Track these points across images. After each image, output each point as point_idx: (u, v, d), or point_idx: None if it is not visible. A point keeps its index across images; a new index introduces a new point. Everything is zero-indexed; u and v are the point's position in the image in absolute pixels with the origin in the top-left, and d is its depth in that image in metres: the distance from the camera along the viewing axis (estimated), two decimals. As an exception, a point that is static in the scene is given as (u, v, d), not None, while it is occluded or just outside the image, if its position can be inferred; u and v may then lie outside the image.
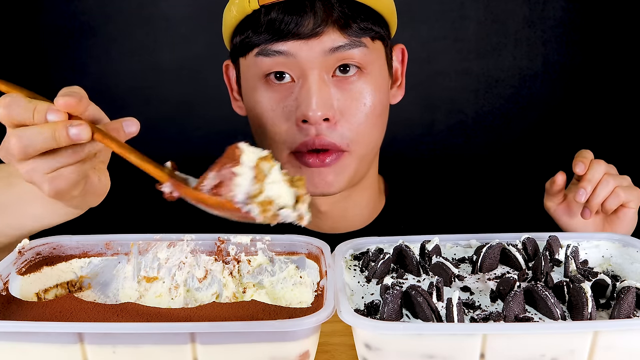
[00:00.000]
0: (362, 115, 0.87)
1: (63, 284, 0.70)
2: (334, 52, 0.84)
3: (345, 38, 0.84)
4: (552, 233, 0.71)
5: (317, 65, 0.84)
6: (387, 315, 0.56)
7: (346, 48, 0.84)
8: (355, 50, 0.85)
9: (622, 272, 0.69)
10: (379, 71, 0.89)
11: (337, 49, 0.84)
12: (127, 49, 1.50)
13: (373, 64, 0.87)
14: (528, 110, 1.55)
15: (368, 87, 0.87)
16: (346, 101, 0.86)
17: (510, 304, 0.57)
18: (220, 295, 0.70)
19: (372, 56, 0.87)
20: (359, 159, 0.89)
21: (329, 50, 0.84)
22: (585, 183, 0.83)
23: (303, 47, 0.83)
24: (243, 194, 0.57)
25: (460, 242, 0.73)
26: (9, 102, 0.58)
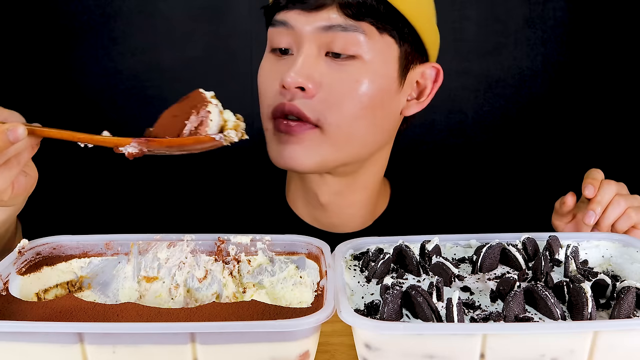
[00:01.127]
0: (344, 99, 0.85)
1: (63, 284, 0.70)
2: (328, 31, 0.83)
3: (343, 17, 0.83)
4: (552, 233, 0.71)
5: (311, 39, 0.84)
6: (387, 315, 0.56)
7: (339, 29, 0.83)
8: (351, 36, 0.83)
9: (622, 272, 0.69)
10: (382, 66, 0.86)
11: (331, 27, 0.83)
12: (127, 49, 1.50)
13: (374, 56, 0.85)
14: (528, 110, 1.55)
15: (359, 73, 0.85)
16: (332, 79, 0.84)
17: (510, 304, 0.57)
18: (220, 295, 0.70)
19: (373, 48, 0.85)
20: (336, 145, 0.87)
21: (323, 27, 0.83)
22: (594, 205, 0.82)
23: (302, 19, 0.84)
24: (216, 126, 0.69)
25: (460, 242, 0.73)
26: None
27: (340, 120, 0.85)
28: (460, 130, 1.56)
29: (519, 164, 1.58)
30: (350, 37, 0.83)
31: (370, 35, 0.84)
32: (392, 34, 0.86)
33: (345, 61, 0.85)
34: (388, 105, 0.89)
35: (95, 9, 1.47)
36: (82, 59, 1.50)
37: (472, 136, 1.57)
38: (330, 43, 0.84)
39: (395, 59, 0.88)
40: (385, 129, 0.92)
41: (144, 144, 0.68)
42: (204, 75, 1.49)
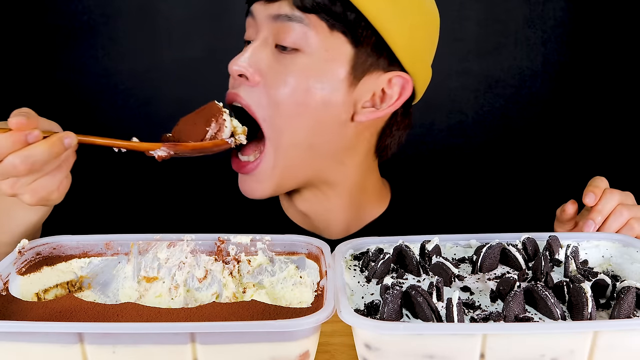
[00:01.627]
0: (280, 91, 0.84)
1: (63, 284, 0.70)
2: (277, 20, 0.83)
3: (291, 8, 0.82)
4: (552, 233, 0.71)
5: (264, 28, 0.85)
6: (387, 315, 0.56)
7: (284, 19, 0.83)
8: (295, 26, 0.82)
9: (622, 272, 0.69)
10: (326, 64, 0.84)
11: (279, 17, 0.83)
12: (127, 49, 1.50)
13: (318, 52, 0.83)
14: (528, 110, 1.55)
15: (299, 68, 0.83)
16: (272, 70, 0.84)
17: (510, 304, 0.57)
18: (220, 295, 0.70)
19: (319, 43, 0.83)
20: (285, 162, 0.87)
21: (273, 16, 0.83)
22: (595, 214, 0.80)
23: (261, 8, 0.85)
24: (228, 132, 0.84)
25: (460, 242, 0.73)
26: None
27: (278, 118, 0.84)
28: (460, 130, 1.56)
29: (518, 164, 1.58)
30: (294, 29, 0.83)
31: (318, 30, 0.83)
32: (344, 33, 0.84)
33: (288, 54, 0.84)
34: (333, 107, 0.86)
35: (95, 9, 1.47)
36: (82, 59, 1.50)
37: (472, 136, 1.57)
38: (279, 33, 0.84)
39: (346, 60, 0.84)
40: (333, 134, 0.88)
41: (172, 147, 0.79)
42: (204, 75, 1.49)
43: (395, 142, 0.96)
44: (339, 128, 0.88)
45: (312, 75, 0.84)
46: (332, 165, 0.91)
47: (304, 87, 0.84)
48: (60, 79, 1.50)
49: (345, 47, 0.84)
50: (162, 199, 1.05)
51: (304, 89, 0.84)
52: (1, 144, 0.66)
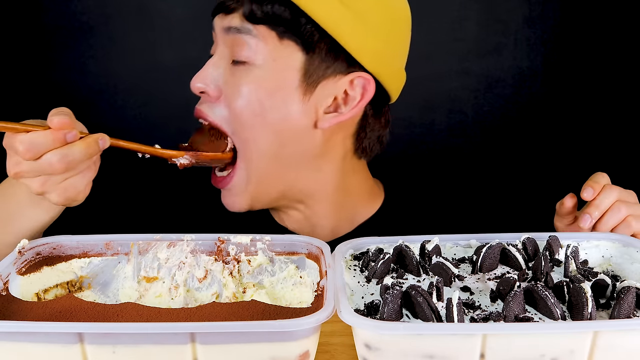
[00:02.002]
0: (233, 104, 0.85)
1: (63, 284, 0.70)
2: (228, 33, 0.84)
3: (241, 20, 0.83)
4: (552, 233, 0.71)
5: (221, 42, 0.86)
6: (387, 315, 0.56)
7: (234, 32, 0.83)
8: (245, 38, 0.83)
9: (622, 272, 0.69)
10: (275, 73, 0.84)
11: (230, 29, 0.84)
12: (127, 49, 1.50)
13: (267, 62, 0.83)
14: (528, 110, 1.55)
15: (249, 79, 0.84)
16: (227, 83, 0.85)
17: (510, 304, 0.56)
18: (220, 295, 0.70)
19: (268, 53, 0.83)
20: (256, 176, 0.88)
21: (225, 28, 0.85)
22: (592, 209, 0.79)
23: (218, 21, 0.86)
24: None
25: (460, 242, 0.73)
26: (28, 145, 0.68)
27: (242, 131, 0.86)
28: (460, 130, 1.56)
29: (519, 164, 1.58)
30: (244, 41, 0.83)
31: (268, 41, 0.83)
32: (295, 40, 0.83)
33: (241, 66, 0.84)
34: (290, 117, 0.85)
35: (95, 9, 1.47)
36: (82, 59, 1.50)
37: (472, 136, 1.57)
38: (232, 47, 0.85)
39: (297, 68, 0.84)
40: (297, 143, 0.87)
41: (194, 156, 0.85)
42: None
43: (374, 142, 0.95)
44: (303, 136, 0.87)
45: (263, 87, 0.84)
46: (306, 174, 0.91)
47: (256, 98, 0.84)
48: (59, 79, 1.50)
49: (296, 55, 0.84)
50: (162, 199, 1.05)
51: (257, 100, 0.84)
52: (41, 141, 0.68)
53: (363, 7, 0.84)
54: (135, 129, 1.50)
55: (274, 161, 0.88)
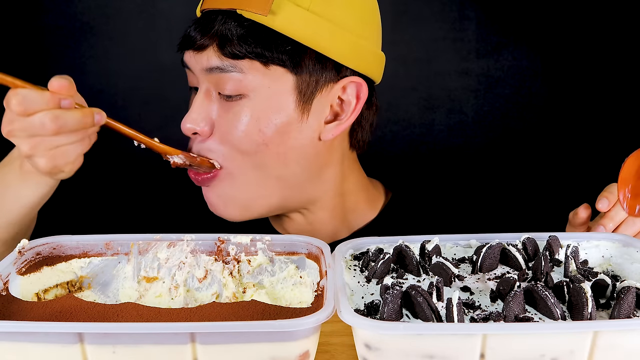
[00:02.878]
0: (237, 141, 0.84)
1: (63, 284, 0.70)
2: (211, 72, 0.83)
3: (219, 58, 0.81)
4: (552, 233, 0.71)
5: (203, 80, 0.84)
6: (387, 315, 0.56)
7: (217, 71, 0.82)
8: (228, 76, 0.82)
9: (622, 272, 0.69)
10: (271, 100, 0.83)
11: (212, 70, 0.82)
12: (127, 49, 1.50)
13: (260, 92, 0.83)
14: (528, 110, 1.55)
15: (244, 112, 0.83)
16: (222, 120, 0.84)
17: (510, 304, 0.56)
18: (220, 295, 0.70)
19: (258, 83, 0.82)
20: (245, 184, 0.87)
21: (206, 69, 0.83)
22: (606, 220, 0.79)
23: (192, 60, 0.84)
24: None
25: (460, 242, 0.73)
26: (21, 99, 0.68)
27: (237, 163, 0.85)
28: (460, 130, 1.56)
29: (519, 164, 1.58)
30: (230, 78, 0.82)
31: (254, 71, 0.82)
32: (281, 64, 0.82)
33: (233, 101, 0.83)
34: (293, 137, 0.85)
35: (95, 9, 1.47)
36: (82, 59, 1.50)
37: (472, 136, 1.57)
38: (217, 83, 0.83)
39: (291, 89, 0.83)
40: (302, 161, 0.87)
41: (189, 158, 0.85)
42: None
43: (367, 132, 0.95)
44: (308, 153, 0.87)
45: (262, 116, 0.83)
46: (309, 185, 0.91)
47: (257, 129, 0.83)
48: (60, 79, 1.50)
49: (286, 77, 0.83)
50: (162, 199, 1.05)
51: (258, 131, 0.83)
52: (34, 98, 0.68)
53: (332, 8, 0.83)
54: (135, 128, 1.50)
55: (275, 181, 0.87)
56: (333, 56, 0.83)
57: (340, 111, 0.88)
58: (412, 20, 1.43)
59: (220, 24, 0.81)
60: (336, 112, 0.88)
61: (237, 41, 0.80)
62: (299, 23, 0.80)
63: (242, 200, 0.88)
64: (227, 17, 0.81)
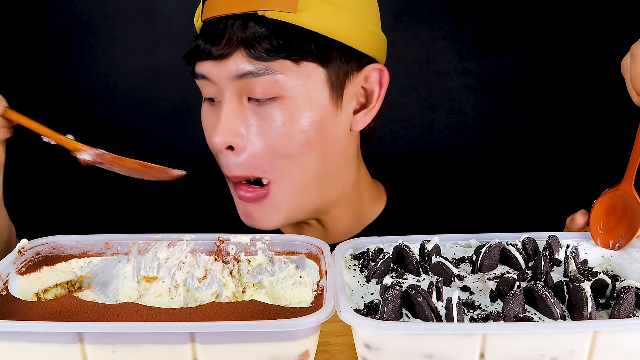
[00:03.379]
0: (277, 145, 0.81)
1: (63, 284, 0.70)
2: (242, 79, 0.79)
3: (250, 63, 0.78)
4: (552, 233, 0.71)
5: (229, 89, 0.80)
6: (387, 315, 0.56)
7: (250, 77, 0.79)
8: (265, 80, 0.79)
9: (622, 272, 0.69)
10: (308, 95, 0.81)
11: (243, 76, 0.79)
12: (127, 49, 1.50)
13: (296, 91, 0.80)
14: (528, 110, 1.55)
15: (284, 113, 0.80)
16: (259, 128, 0.81)
17: (510, 304, 0.57)
18: (220, 295, 0.70)
19: (293, 82, 0.80)
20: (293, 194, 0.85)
21: (236, 76, 0.79)
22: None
23: (215, 70, 0.80)
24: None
25: (460, 242, 0.73)
26: None
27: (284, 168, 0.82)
28: (460, 130, 1.56)
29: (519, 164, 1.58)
30: (265, 82, 0.79)
31: (287, 71, 0.79)
32: (312, 59, 0.80)
33: (267, 104, 0.80)
34: (330, 132, 0.85)
35: (95, 9, 1.47)
36: (82, 59, 1.50)
37: (472, 136, 1.57)
38: (248, 89, 0.80)
39: (324, 83, 0.82)
40: (339, 155, 0.87)
41: (99, 156, 0.77)
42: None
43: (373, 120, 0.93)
44: (343, 145, 0.87)
45: (301, 115, 0.81)
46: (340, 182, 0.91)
47: (298, 129, 0.81)
48: (60, 79, 1.50)
49: (318, 72, 0.82)
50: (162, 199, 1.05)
51: (299, 131, 0.81)
52: None
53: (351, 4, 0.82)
54: (135, 128, 1.50)
55: (317, 181, 0.86)
56: (355, 45, 0.83)
57: (365, 100, 0.88)
58: (412, 20, 1.43)
59: (240, 28, 0.78)
60: (361, 101, 0.88)
61: (266, 43, 0.78)
62: (324, 17, 0.79)
63: (288, 209, 0.86)
64: (246, 20, 0.78)
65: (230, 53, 0.79)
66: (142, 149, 1.38)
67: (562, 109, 1.55)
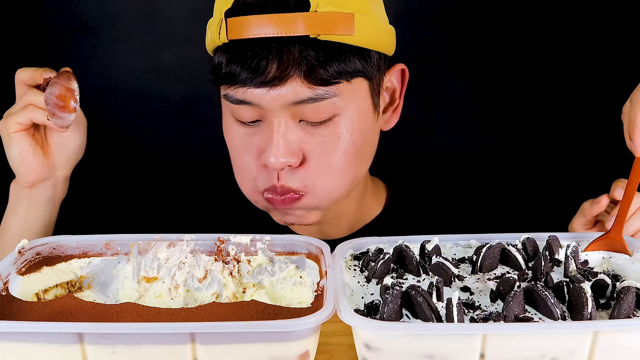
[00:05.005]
0: (330, 160, 0.82)
1: (63, 284, 0.70)
2: (299, 105, 0.77)
3: (310, 89, 0.76)
4: (552, 233, 0.71)
5: (280, 112, 0.78)
6: (386, 315, 0.56)
7: (310, 102, 0.77)
8: (323, 104, 0.78)
9: (622, 272, 0.69)
10: (357, 109, 0.82)
11: (301, 102, 0.77)
12: (127, 49, 1.50)
13: (349, 107, 0.81)
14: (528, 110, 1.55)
15: (340, 130, 0.81)
16: (313, 145, 0.81)
17: (510, 304, 0.57)
18: (220, 295, 0.70)
19: (346, 99, 0.80)
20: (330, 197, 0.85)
21: (292, 102, 0.77)
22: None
23: (266, 96, 0.77)
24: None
25: (460, 242, 0.73)
26: None
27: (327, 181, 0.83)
28: (460, 130, 1.56)
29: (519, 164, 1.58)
30: (322, 105, 0.78)
31: (342, 91, 0.79)
32: (359, 75, 0.81)
33: (322, 124, 0.80)
34: (371, 138, 0.87)
35: (95, 9, 1.47)
36: (82, 59, 1.50)
37: (472, 136, 1.57)
38: (302, 113, 0.78)
39: (368, 94, 0.84)
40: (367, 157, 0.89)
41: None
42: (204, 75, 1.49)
43: None
44: (375, 148, 0.90)
45: (354, 129, 0.82)
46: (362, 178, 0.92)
47: (351, 142, 0.82)
48: (60, 79, 1.50)
49: (363, 83, 0.82)
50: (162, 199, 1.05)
51: (352, 144, 0.82)
52: None
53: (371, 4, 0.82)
54: (135, 128, 1.50)
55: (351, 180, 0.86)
56: (384, 50, 0.84)
57: (390, 99, 0.90)
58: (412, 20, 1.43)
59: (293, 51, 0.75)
60: (386, 101, 0.90)
61: (325, 67, 0.76)
62: (368, 31, 0.79)
63: (324, 207, 0.87)
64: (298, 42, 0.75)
65: (284, 78, 0.76)
66: (142, 148, 1.38)
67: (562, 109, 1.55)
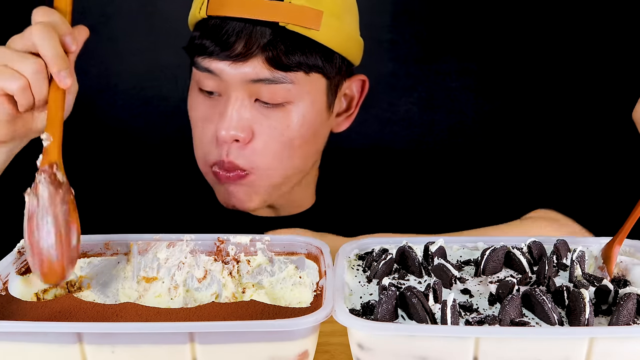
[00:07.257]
0: (276, 144, 0.87)
1: (62, 284, 0.70)
2: (256, 82, 0.84)
3: (269, 70, 0.83)
4: (560, 237, 0.70)
5: (239, 88, 0.85)
6: (380, 315, 0.56)
7: (265, 82, 0.84)
8: (279, 87, 0.84)
9: (631, 276, 0.67)
10: (311, 103, 0.88)
11: (259, 81, 0.84)
12: (127, 49, 1.50)
13: (303, 98, 0.87)
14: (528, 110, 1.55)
15: (291, 118, 0.87)
16: (263, 126, 0.86)
17: (507, 308, 0.56)
18: (219, 295, 0.70)
19: (302, 90, 0.86)
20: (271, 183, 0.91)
21: (251, 80, 0.84)
22: None
23: (228, 69, 0.83)
24: None
25: (467, 245, 0.72)
26: None
27: (272, 164, 0.88)
28: (460, 130, 1.56)
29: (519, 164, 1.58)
30: (278, 89, 0.84)
31: (299, 81, 0.85)
32: (318, 71, 0.87)
33: (275, 108, 0.86)
34: (320, 134, 0.93)
35: (95, 9, 1.47)
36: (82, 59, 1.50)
37: (472, 136, 1.57)
38: (259, 92, 0.85)
39: (324, 92, 0.89)
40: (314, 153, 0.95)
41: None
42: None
43: None
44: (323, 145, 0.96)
45: (304, 120, 0.88)
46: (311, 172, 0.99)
47: (299, 132, 0.88)
48: (60, 79, 1.50)
49: (321, 80, 0.88)
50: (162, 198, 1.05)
51: (299, 134, 0.88)
52: None
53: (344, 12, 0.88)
54: (135, 128, 1.50)
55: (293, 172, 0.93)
56: (349, 57, 0.90)
57: (346, 105, 0.96)
58: (412, 20, 1.43)
59: (261, 34, 0.82)
60: (343, 106, 0.96)
61: (287, 54, 0.83)
62: (335, 33, 0.85)
63: (266, 192, 0.92)
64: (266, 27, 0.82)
65: (248, 56, 0.82)
66: (142, 148, 1.38)
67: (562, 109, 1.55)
